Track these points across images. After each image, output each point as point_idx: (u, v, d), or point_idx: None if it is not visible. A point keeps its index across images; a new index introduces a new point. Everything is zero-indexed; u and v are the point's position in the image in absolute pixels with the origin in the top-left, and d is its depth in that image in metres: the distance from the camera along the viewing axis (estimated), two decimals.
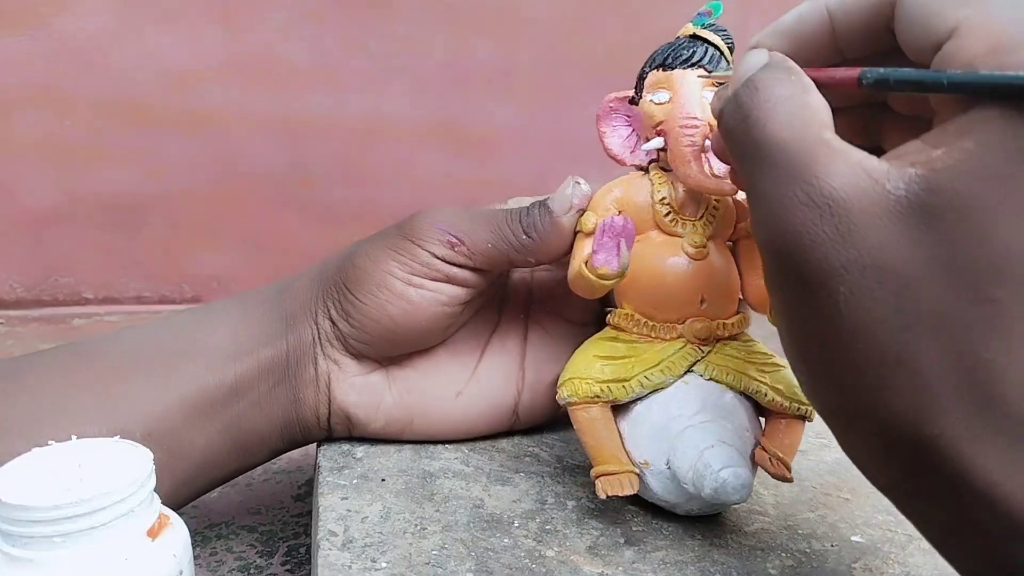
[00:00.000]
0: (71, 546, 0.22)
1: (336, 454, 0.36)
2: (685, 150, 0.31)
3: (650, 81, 0.33)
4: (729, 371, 0.32)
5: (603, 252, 0.30)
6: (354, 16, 0.79)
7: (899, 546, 0.31)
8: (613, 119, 0.34)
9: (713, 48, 0.32)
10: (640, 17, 0.81)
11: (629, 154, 0.34)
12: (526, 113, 0.83)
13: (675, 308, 0.32)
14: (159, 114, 0.77)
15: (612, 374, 0.31)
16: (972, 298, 0.19)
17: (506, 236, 0.34)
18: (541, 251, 0.33)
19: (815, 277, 0.20)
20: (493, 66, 0.82)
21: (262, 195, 0.80)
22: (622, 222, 0.30)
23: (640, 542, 0.30)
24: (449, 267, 0.34)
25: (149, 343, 0.36)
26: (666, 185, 0.32)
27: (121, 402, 0.34)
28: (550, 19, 0.82)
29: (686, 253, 0.32)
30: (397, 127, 0.81)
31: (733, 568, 0.29)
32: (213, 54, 0.77)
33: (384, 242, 0.35)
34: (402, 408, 0.37)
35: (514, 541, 0.30)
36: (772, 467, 0.30)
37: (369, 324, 0.35)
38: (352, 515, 0.31)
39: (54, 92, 0.75)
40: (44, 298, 0.79)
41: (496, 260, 0.34)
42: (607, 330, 0.33)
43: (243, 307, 0.37)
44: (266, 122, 0.79)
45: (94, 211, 0.78)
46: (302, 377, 0.36)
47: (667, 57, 0.32)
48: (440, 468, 0.35)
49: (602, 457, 0.31)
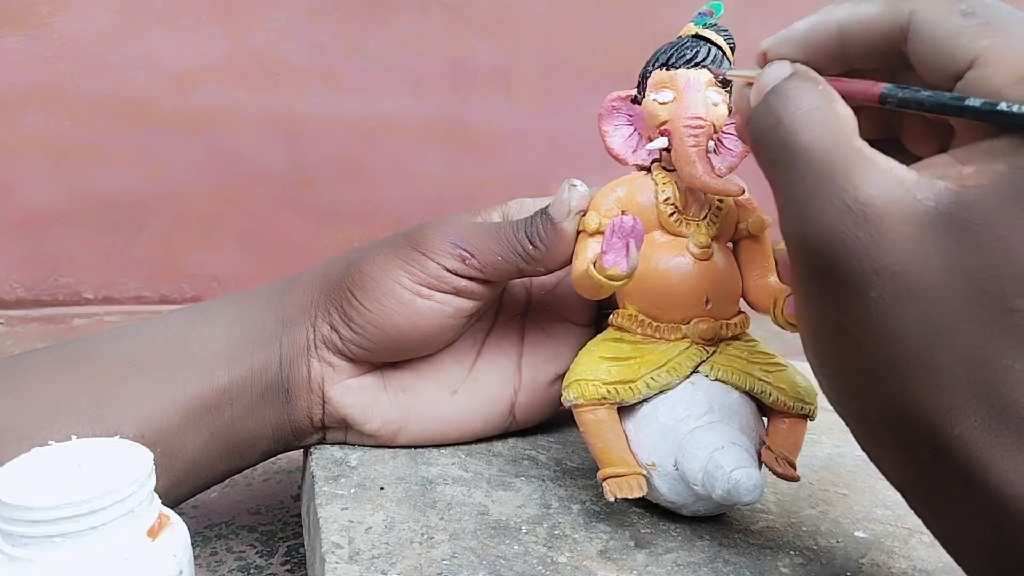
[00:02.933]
0: (71, 546, 0.22)
1: (329, 462, 0.35)
2: (690, 150, 0.31)
3: (653, 80, 0.33)
4: (735, 371, 0.31)
5: (612, 253, 0.30)
6: (354, 16, 0.79)
7: (902, 540, 0.31)
8: (615, 118, 0.34)
9: (716, 48, 0.32)
10: (640, 17, 0.81)
11: (631, 153, 0.34)
12: (526, 113, 0.83)
13: (680, 309, 0.32)
14: (159, 114, 0.77)
15: (618, 375, 0.31)
16: (995, 308, 0.20)
17: (514, 248, 0.33)
18: (549, 259, 0.33)
19: (847, 280, 0.21)
20: (493, 66, 0.82)
21: (262, 195, 0.80)
22: (631, 222, 0.29)
23: (650, 544, 0.30)
24: (459, 280, 0.34)
25: (143, 344, 0.36)
26: (670, 185, 0.32)
27: (114, 404, 0.33)
28: (550, 19, 0.82)
29: (691, 254, 0.32)
30: (397, 127, 0.81)
31: (746, 568, 0.29)
32: (213, 54, 0.77)
33: (393, 251, 0.35)
34: (397, 409, 0.36)
35: (524, 548, 0.30)
36: (779, 467, 0.30)
37: (372, 331, 0.34)
38: (355, 526, 0.31)
39: (54, 92, 0.75)
40: (44, 298, 0.79)
41: (507, 272, 0.34)
42: (611, 331, 0.33)
43: (238, 309, 0.37)
44: (266, 122, 0.79)
45: (94, 211, 0.78)
46: (294, 379, 0.35)
47: (671, 56, 0.32)
48: (439, 474, 0.35)
49: (609, 459, 0.31)
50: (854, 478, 0.36)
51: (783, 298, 0.31)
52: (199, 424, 0.34)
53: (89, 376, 0.34)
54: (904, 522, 0.32)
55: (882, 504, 0.33)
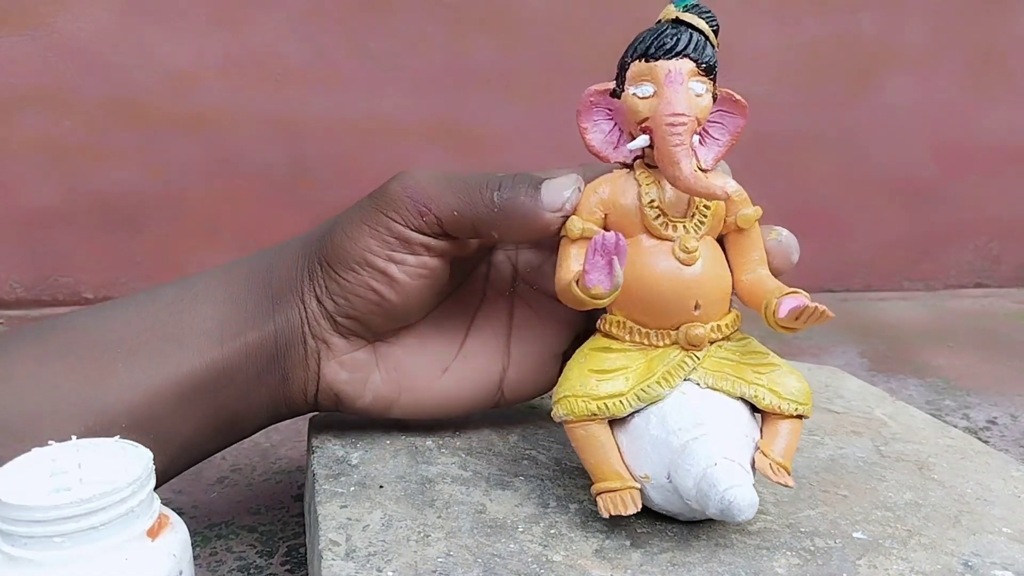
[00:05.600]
0: (71, 546, 0.22)
1: (331, 460, 0.36)
2: (673, 150, 0.29)
3: (632, 73, 0.31)
4: (726, 377, 0.31)
5: (595, 272, 0.28)
6: (354, 16, 0.79)
7: (900, 542, 0.31)
8: (594, 114, 0.32)
9: (698, 34, 0.30)
10: (640, 17, 0.81)
11: (612, 150, 0.32)
12: (526, 113, 0.83)
13: (669, 315, 0.31)
14: (159, 114, 0.77)
15: (608, 390, 0.30)
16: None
17: (475, 204, 0.32)
18: (508, 231, 0.32)
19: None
20: (493, 66, 0.82)
21: (262, 195, 0.80)
22: (614, 240, 0.28)
23: (646, 544, 0.30)
24: (424, 238, 0.33)
25: (133, 327, 0.35)
26: (654, 186, 0.31)
27: (104, 390, 0.33)
28: (550, 19, 0.82)
29: (678, 259, 0.30)
30: (397, 127, 0.81)
31: (741, 568, 0.29)
32: (213, 54, 0.77)
33: (360, 216, 0.34)
34: (389, 385, 0.36)
35: (520, 546, 0.30)
36: (774, 476, 0.30)
37: (356, 301, 0.34)
38: (353, 523, 0.31)
39: (54, 92, 0.75)
40: (44, 298, 0.79)
41: (461, 228, 0.33)
42: (598, 338, 0.32)
43: (228, 286, 0.36)
44: (266, 122, 0.79)
45: (94, 211, 0.78)
46: (291, 358, 0.35)
47: (649, 46, 0.30)
48: (438, 473, 0.35)
49: (602, 473, 0.30)
50: (855, 479, 0.35)
51: (775, 300, 0.29)
52: (194, 408, 0.34)
53: (78, 364, 0.33)
54: (904, 524, 0.32)
55: (883, 506, 0.33)
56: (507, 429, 0.39)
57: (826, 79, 0.89)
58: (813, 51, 0.87)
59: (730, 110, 0.32)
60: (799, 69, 0.88)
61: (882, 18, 0.88)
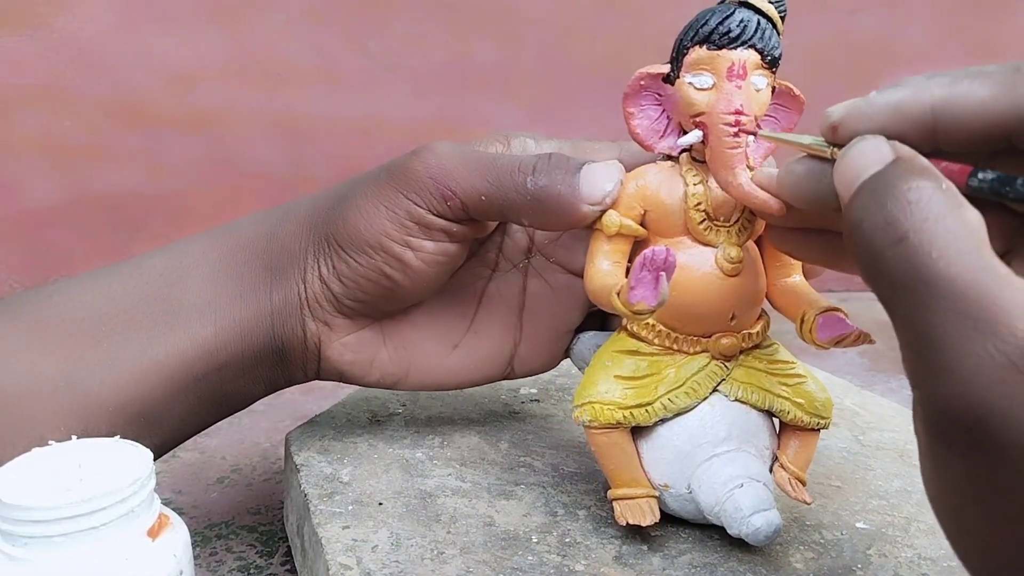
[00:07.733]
0: (71, 546, 0.22)
1: (320, 479, 0.34)
2: (729, 153, 0.27)
3: (691, 59, 0.28)
4: (755, 389, 0.30)
5: (641, 287, 0.26)
6: (354, 16, 0.79)
7: (902, 529, 0.31)
8: (642, 98, 0.29)
9: (766, 20, 0.27)
10: (640, 17, 0.81)
11: (658, 139, 0.30)
12: (526, 113, 0.83)
13: (702, 324, 0.29)
14: (159, 114, 0.77)
15: (635, 398, 0.29)
16: None
17: (504, 189, 0.30)
18: (540, 219, 0.30)
19: (1013, 448, 0.17)
20: (493, 66, 0.82)
21: (262, 195, 0.80)
22: (663, 255, 0.25)
23: (663, 547, 0.30)
24: (446, 223, 0.31)
25: (118, 302, 0.33)
26: (701, 185, 0.28)
27: (87, 371, 0.31)
28: (550, 19, 0.82)
29: (720, 268, 0.28)
30: (397, 127, 0.81)
31: (760, 566, 0.29)
32: (213, 54, 0.77)
33: (377, 194, 0.32)
34: (397, 363, 0.35)
35: (539, 558, 0.29)
36: (793, 492, 0.29)
37: (366, 284, 0.32)
38: (360, 545, 0.29)
39: (54, 92, 0.75)
40: None
41: (487, 213, 0.31)
42: (624, 338, 0.30)
43: (221, 255, 0.34)
44: (266, 122, 0.79)
45: (94, 211, 0.78)
46: (289, 340, 0.33)
47: (713, 31, 0.27)
48: (436, 486, 0.34)
49: (620, 480, 0.29)
50: (844, 470, 0.36)
51: (812, 316, 0.28)
52: (185, 389, 0.32)
53: (59, 342, 0.31)
54: (900, 511, 0.33)
55: (876, 495, 0.34)
56: (495, 436, 0.38)
57: (826, 79, 0.89)
58: (813, 51, 0.87)
59: (786, 105, 0.30)
60: (799, 69, 0.88)
61: (882, 18, 0.88)
